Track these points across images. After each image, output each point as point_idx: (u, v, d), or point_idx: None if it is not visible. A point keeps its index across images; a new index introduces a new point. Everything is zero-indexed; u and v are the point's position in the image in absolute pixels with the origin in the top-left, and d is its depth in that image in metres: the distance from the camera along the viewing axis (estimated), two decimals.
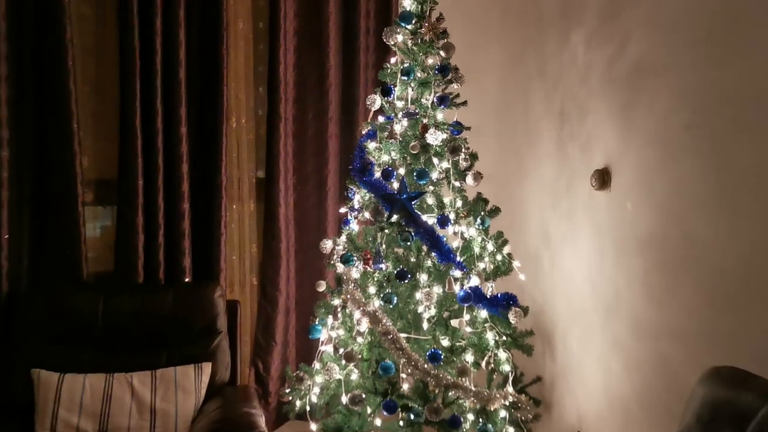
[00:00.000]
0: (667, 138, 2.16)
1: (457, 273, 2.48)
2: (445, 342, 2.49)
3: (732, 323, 1.89)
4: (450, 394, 2.44)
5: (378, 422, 2.49)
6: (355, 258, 2.56)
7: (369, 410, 2.49)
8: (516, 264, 2.60)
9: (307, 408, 2.65)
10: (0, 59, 2.55)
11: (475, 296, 2.45)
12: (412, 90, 2.60)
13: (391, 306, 2.47)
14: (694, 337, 2.04)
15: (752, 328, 1.81)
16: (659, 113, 2.20)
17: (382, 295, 2.47)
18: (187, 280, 2.89)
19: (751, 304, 1.82)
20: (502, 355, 2.53)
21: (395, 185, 2.53)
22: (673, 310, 2.13)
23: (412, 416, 2.43)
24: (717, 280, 1.94)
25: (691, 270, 2.05)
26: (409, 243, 2.52)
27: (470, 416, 2.47)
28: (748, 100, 1.83)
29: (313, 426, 2.62)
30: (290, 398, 2.72)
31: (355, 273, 2.57)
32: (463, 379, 2.40)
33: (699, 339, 2.01)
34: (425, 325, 2.49)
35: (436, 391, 2.42)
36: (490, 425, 2.45)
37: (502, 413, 2.48)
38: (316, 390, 2.64)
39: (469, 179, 2.60)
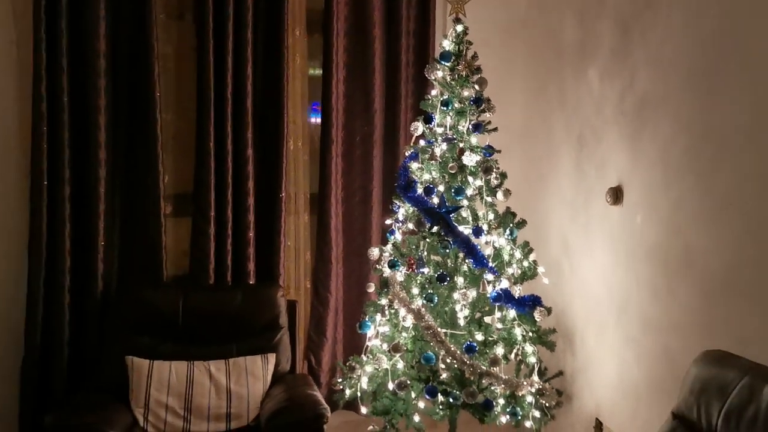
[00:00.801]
0: (668, 161, 2.55)
1: (490, 276, 2.86)
2: (479, 336, 2.87)
3: (719, 314, 2.27)
4: (483, 381, 2.81)
5: (421, 405, 2.87)
6: (400, 263, 2.95)
7: (413, 395, 2.87)
8: (540, 270, 2.97)
9: (358, 394, 3.02)
10: (100, 91, 3.01)
11: (505, 297, 2.82)
12: (450, 118, 2.98)
13: (432, 305, 2.86)
14: (690, 328, 2.41)
15: (735, 317, 2.19)
16: (662, 139, 2.59)
17: (424, 295, 2.86)
18: (251, 282, 3.31)
19: (734, 298, 2.20)
20: (529, 348, 2.90)
21: (435, 200, 2.92)
22: (674, 307, 2.51)
23: (451, 400, 2.82)
24: (708, 280, 2.32)
25: (687, 272, 2.43)
26: (447, 250, 2.91)
27: (501, 401, 2.84)
28: (729, 130, 2.22)
29: (364, 409, 3.00)
30: (342, 387, 3.10)
31: (399, 276, 2.97)
32: (495, 369, 2.78)
33: (694, 329, 2.39)
34: (461, 322, 2.87)
35: (472, 378, 2.80)
36: (518, 408, 2.82)
37: (529, 399, 2.86)
38: (365, 379, 3.02)
39: (500, 195, 2.98)
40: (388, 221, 3.15)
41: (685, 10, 2.47)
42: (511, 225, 2.96)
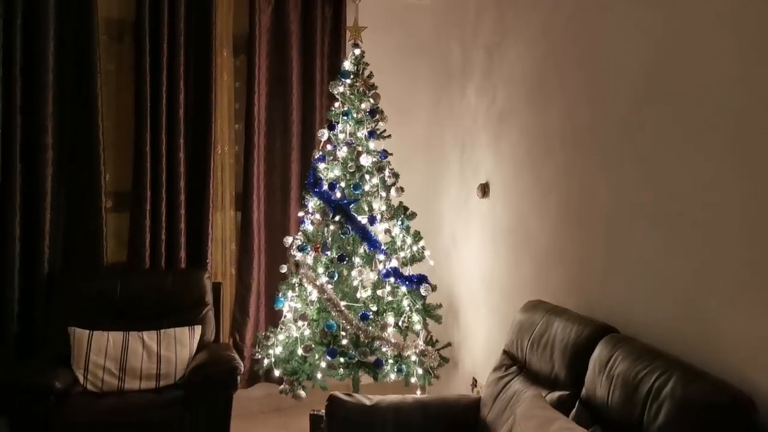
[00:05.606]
0: (516, 160, 3.19)
1: (381, 257, 3.43)
2: (373, 307, 3.43)
3: (544, 276, 2.90)
4: (375, 344, 3.37)
5: (323, 365, 3.41)
6: (309, 247, 3.50)
7: (317, 356, 3.41)
8: (427, 253, 3.56)
9: (272, 360, 3.53)
10: (48, 101, 3.50)
11: (394, 274, 3.40)
12: (350, 126, 3.59)
13: (333, 281, 3.41)
14: (528, 290, 3.04)
15: (552, 277, 2.82)
16: (512, 143, 3.24)
17: (327, 273, 3.41)
18: (182, 266, 3.81)
19: (553, 264, 2.84)
20: (415, 317, 3.48)
21: (338, 194, 3.49)
22: (518, 276, 3.14)
23: (348, 360, 3.36)
24: (540, 253, 2.96)
25: (527, 249, 3.07)
26: (347, 236, 3.48)
27: (390, 360, 3.40)
28: (552, 135, 2.87)
29: (277, 372, 3.52)
30: (260, 356, 3.61)
31: (309, 259, 3.51)
32: (385, 333, 3.34)
33: (530, 290, 3.02)
34: (359, 295, 3.43)
35: (366, 342, 3.36)
36: (404, 366, 3.39)
37: (413, 358, 3.43)
38: (280, 347, 3.54)
39: (393, 191, 3.57)
40: (300, 213, 3.71)
41: (525, 39, 3.14)
42: (402, 216, 3.55)
